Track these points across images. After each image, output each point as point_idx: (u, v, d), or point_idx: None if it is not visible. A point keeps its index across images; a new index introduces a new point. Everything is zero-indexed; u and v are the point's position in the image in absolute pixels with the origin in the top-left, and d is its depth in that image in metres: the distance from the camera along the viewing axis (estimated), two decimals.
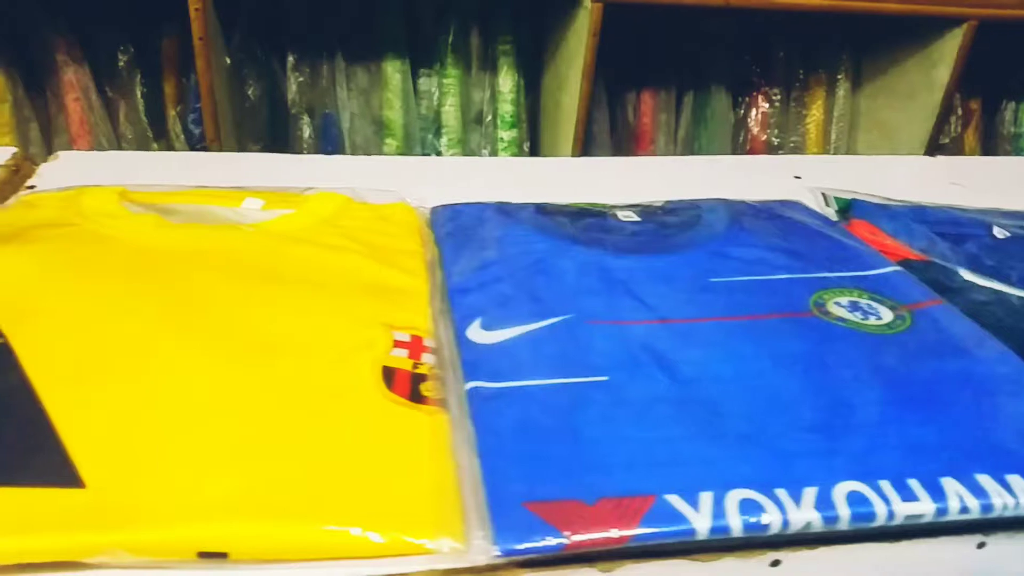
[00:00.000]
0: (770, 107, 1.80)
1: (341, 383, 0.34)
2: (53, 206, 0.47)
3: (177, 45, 1.51)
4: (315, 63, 1.53)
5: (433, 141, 1.66)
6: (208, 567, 0.27)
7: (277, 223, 0.48)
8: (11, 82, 1.44)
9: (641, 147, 1.75)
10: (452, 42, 1.56)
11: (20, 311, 0.36)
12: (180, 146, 1.55)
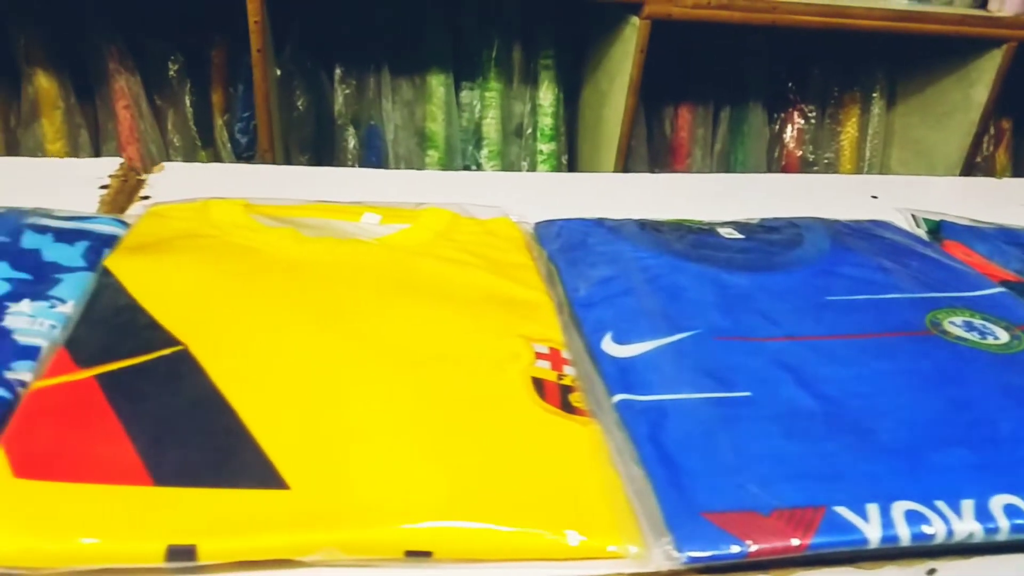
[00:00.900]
0: (805, 123, 1.81)
1: (498, 393, 0.36)
2: (183, 217, 0.49)
3: (225, 55, 1.54)
4: (362, 75, 1.55)
5: (474, 153, 1.68)
6: (412, 565, 0.29)
7: (397, 237, 0.50)
8: (63, 89, 1.47)
9: (677, 161, 1.77)
10: (495, 56, 1.59)
11: (191, 319, 0.37)
12: (226, 155, 1.57)
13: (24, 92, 1.44)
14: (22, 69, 1.42)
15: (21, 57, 1.41)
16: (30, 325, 0.37)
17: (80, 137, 1.50)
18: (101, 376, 0.33)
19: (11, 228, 0.45)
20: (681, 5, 1.30)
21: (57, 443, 0.30)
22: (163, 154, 1.53)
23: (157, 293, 0.39)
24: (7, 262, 0.42)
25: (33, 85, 1.43)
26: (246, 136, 1.59)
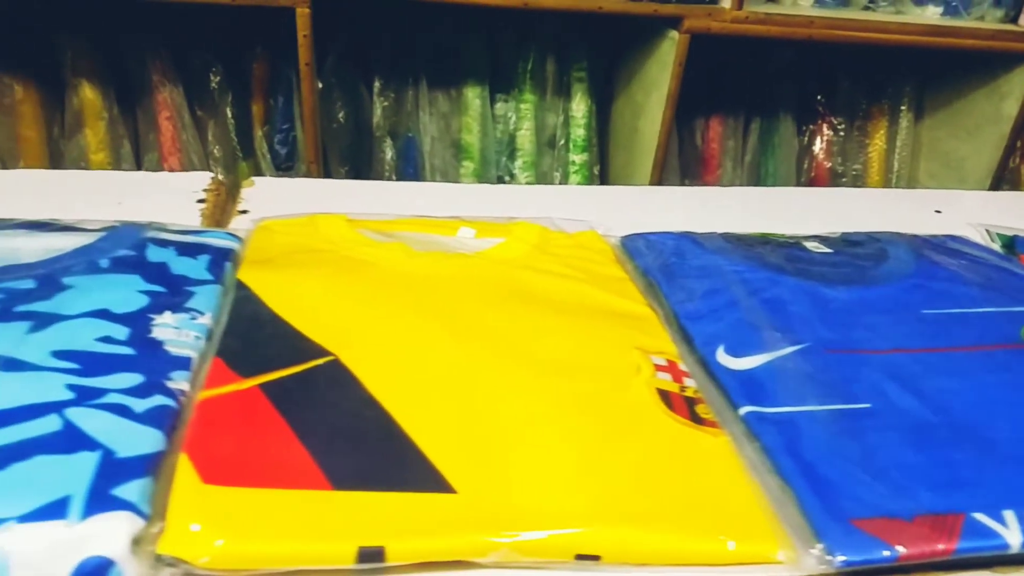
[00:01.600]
0: (834, 135, 1.83)
1: (628, 404, 0.37)
2: (294, 232, 0.50)
3: (265, 68, 1.56)
4: (400, 88, 1.57)
5: (507, 164, 1.70)
6: (579, 569, 0.30)
7: (497, 251, 0.51)
8: (107, 101, 1.49)
9: (708, 172, 1.78)
10: (530, 69, 1.61)
11: (334, 331, 0.39)
12: (266, 166, 1.59)
13: (68, 103, 1.46)
14: (67, 80, 1.45)
15: (67, 69, 1.44)
16: (177, 336, 0.39)
17: (123, 148, 1.52)
18: (265, 385, 0.35)
19: (134, 242, 0.47)
20: (720, 20, 1.32)
21: (236, 450, 0.31)
22: (204, 165, 1.55)
23: (293, 305, 0.41)
24: (139, 275, 0.43)
25: (78, 96, 1.45)
26: (285, 147, 1.61)
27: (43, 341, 0.36)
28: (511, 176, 1.73)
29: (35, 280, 0.42)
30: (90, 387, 0.33)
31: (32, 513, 0.27)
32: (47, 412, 0.32)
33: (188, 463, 0.30)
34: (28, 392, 0.33)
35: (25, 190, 0.61)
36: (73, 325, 0.38)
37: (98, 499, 0.28)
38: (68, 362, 0.35)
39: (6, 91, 1.45)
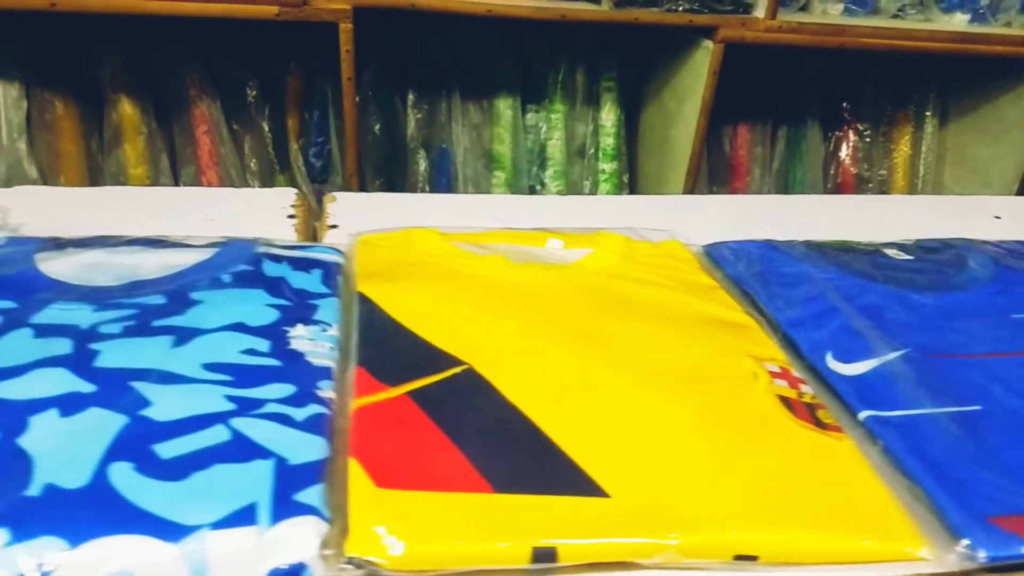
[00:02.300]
0: (860, 141, 1.84)
1: (754, 410, 0.39)
2: (394, 246, 0.52)
3: (300, 82, 1.59)
4: (433, 100, 1.59)
5: (538, 173, 1.72)
6: (736, 569, 0.31)
7: (588, 262, 0.53)
8: (145, 115, 1.51)
9: (737, 179, 1.80)
10: (561, 79, 1.62)
11: (461, 341, 0.40)
12: (301, 179, 1.61)
13: (107, 118, 1.48)
14: (106, 96, 1.47)
15: (106, 85, 1.46)
16: (314, 348, 0.40)
17: (161, 162, 1.54)
18: (412, 393, 0.36)
19: (248, 257, 0.49)
20: (754, 29, 1.34)
21: (399, 456, 0.33)
22: (241, 178, 1.58)
23: (416, 316, 0.42)
24: (263, 289, 0.45)
25: (117, 111, 1.48)
26: (320, 160, 1.63)
27: (190, 354, 0.38)
28: (542, 185, 1.75)
29: (164, 296, 0.43)
30: (248, 398, 0.35)
31: (224, 520, 0.29)
32: (214, 423, 0.33)
33: (359, 468, 0.32)
34: (190, 404, 0.34)
35: (119, 208, 0.62)
36: (214, 339, 0.39)
37: (283, 505, 0.29)
38: (220, 374, 0.37)
39: (47, 107, 1.47)
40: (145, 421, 0.33)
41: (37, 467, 0.30)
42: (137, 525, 0.28)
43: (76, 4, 1.16)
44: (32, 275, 0.44)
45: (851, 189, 1.94)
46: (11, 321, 0.39)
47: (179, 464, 0.31)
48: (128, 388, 0.35)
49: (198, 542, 0.28)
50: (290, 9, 1.22)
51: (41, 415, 0.33)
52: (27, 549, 0.27)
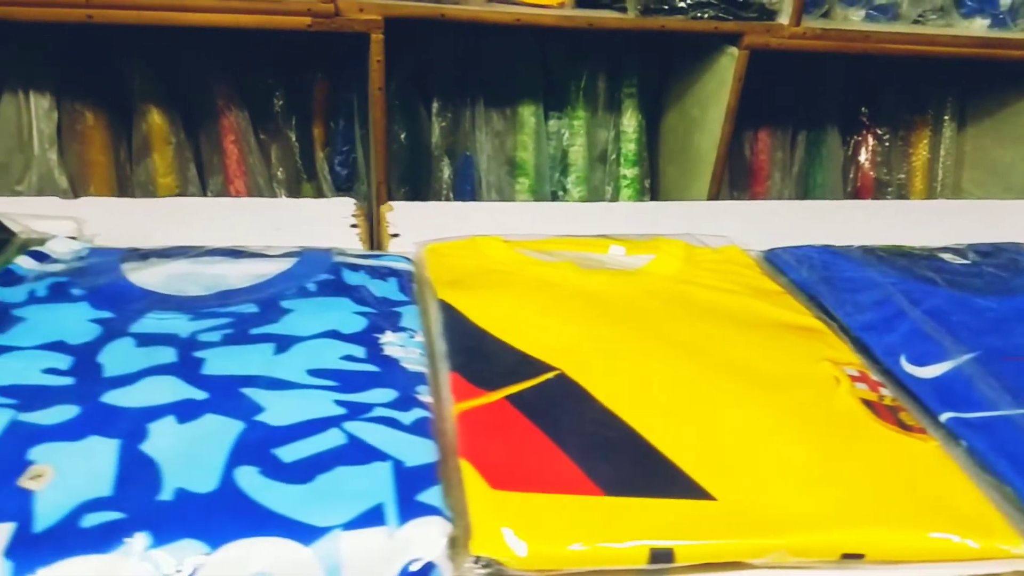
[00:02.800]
0: (878, 145, 1.85)
1: (840, 413, 0.39)
2: (462, 254, 0.53)
3: (325, 91, 1.60)
4: (457, 108, 1.61)
5: (560, 179, 1.73)
6: (844, 567, 0.32)
7: (654, 267, 0.54)
8: (174, 125, 1.53)
9: (757, 183, 1.80)
10: (583, 86, 1.64)
11: (548, 346, 0.41)
12: (327, 188, 1.62)
13: (136, 128, 1.50)
14: (135, 107, 1.48)
15: (135, 95, 1.47)
16: (406, 354, 0.41)
17: (189, 171, 1.56)
18: (511, 398, 0.37)
19: (327, 266, 0.50)
20: (778, 36, 1.35)
21: (507, 458, 0.34)
22: (269, 187, 1.59)
23: (499, 323, 0.43)
24: (348, 298, 0.46)
25: (146, 122, 1.49)
26: (345, 169, 1.65)
27: (293, 361, 0.39)
28: (564, 191, 1.76)
29: (256, 304, 0.44)
30: (356, 402, 0.36)
31: (353, 521, 0.30)
32: (328, 427, 0.34)
33: (473, 470, 0.33)
34: (302, 409, 0.35)
35: (183, 218, 0.63)
36: (312, 346, 0.40)
37: (408, 506, 0.30)
38: (325, 379, 0.38)
39: (78, 118, 1.48)
40: (261, 426, 0.34)
41: (164, 472, 0.31)
42: (271, 527, 0.29)
43: (112, 16, 1.17)
44: (124, 285, 0.45)
45: (870, 193, 1.95)
46: (111, 331, 0.40)
47: (301, 467, 0.32)
48: (239, 395, 0.36)
49: (331, 543, 0.29)
50: (322, 20, 1.23)
51: (159, 422, 0.34)
52: (169, 552, 0.28)
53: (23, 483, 0.31)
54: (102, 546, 0.28)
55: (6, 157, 1.47)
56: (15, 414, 0.34)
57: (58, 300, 0.42)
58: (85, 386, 0.36)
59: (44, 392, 0.35)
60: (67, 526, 0.29)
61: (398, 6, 1.27)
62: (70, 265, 0.47)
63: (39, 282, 0.44)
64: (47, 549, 0.28)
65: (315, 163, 1.65)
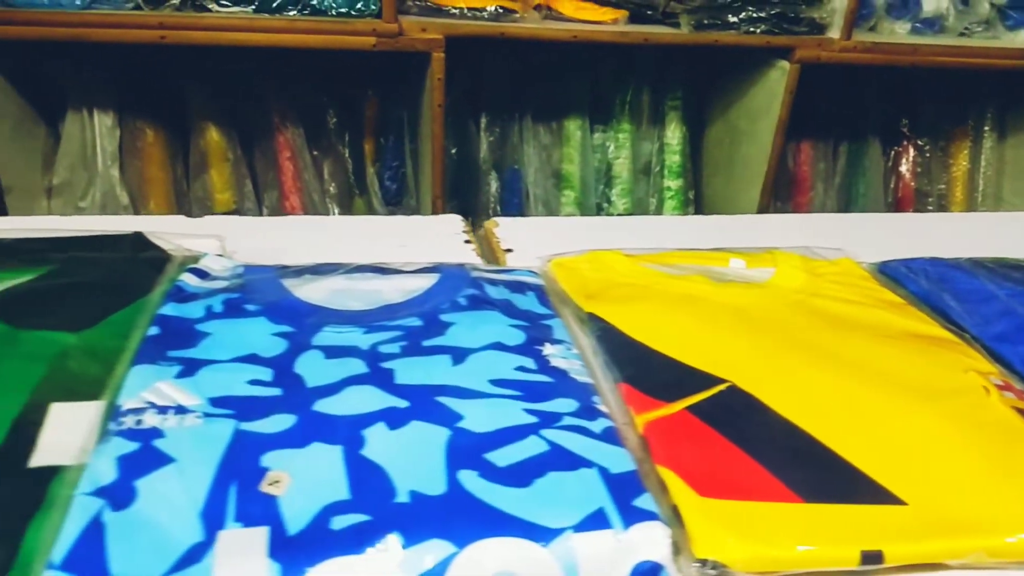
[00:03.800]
0: (919, 156, 1.86)
1: (997, 423, 0.41)
2: (589, 268, 0.54)
3: (376, 108, 1.63)
4: (506, 123, 1.63)
5: (605, 191, 1.75)
6: None
7: (779, 280, 0.55)
8: (231, 142, 1.56)
9: (801, 194, 1.82)
10: (629, 100, 1.66)
11: (709, 358, 0.43)
12: (377, 202, 1.65)
13: (194, 145, 1.53)
14: (193, 124, 1.52)
15: (194, 113, 1.50)
16: (570, 365, 0.43)
17: (245, 187, 1.59)
18: (691, 408, 0.39)
19: (470, 281, 0.51)
20: (829, 49, 1.37)
21: (703, 467, 0.35)
22: (322, 202, 1.62)
23: (654, 335, 0.45)
24: (498, 311, 0.48)
25: (204, 139, 1.52)
26: (395, 183, 1.67)
27: (472, 372, 0.41)
28: (608, 203, 1.78)
29: (419, 318, 0.46)
30: (545, 411, 0.38)
31: (582, 523, 0.31)
32: (526, 434, 0.36)
33: (677, 479, 0.34)
34: (497, 417, 0.37)
35: (308, 236, 0.65)
36: (484, 357, 0.42)
37: (627, 510, 0.32)
38: (508, 389, 0.39)
39: (138, 135, 1.52)
40: (465, 432, 0.36)
41: (392, 476, 0.33)
42: (509, 528, 0.31)
43: (184, 37, 1.20)
44: (294, 301, 0.47)
45: (911, 203, 1.96)
46: (297, 344, 0.42)
47: (517, 471, 0.34)
48: (436, 403, 0.38)
49: (566, 544, 0.31)
50: (387, 40, 1.26)
51: (371, 429, 0.36)
52: (420, 551, 0.30)
53: (264, 489, 0.32)
54: (356, 546, 0.30)
55: (69, 174, 1.51)
56: (237, 424, 0.36)
57: (236, 315, 0.44)
58: (293, 396, 0.38)
59: (256, 402, 0.37)
60: (318, 528, 0.31)
61: (460, 25, 1.30)
62: (232, 282, 0.49)
63: (212, 298, 0.46)
64: (308, 550, 0.29)
65: (366, 178, 1.68)
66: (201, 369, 0.39)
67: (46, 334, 0.42)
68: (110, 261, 0.50)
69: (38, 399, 0.37)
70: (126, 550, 0.29)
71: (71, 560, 0.28)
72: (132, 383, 0.37)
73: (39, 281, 0.47)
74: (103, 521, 0.30)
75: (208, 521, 0.30)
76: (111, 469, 0.32)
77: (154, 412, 0.35)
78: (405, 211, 1.71)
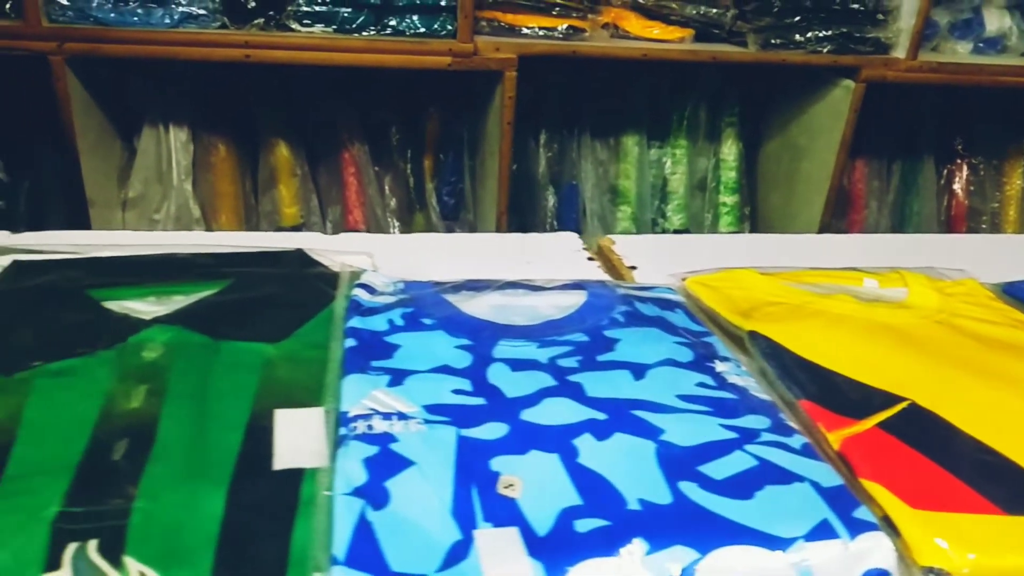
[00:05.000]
0: (972, 174, 1.86)
1: None
2: (729, 286, 0.56)
3: (437, 125, 1.66)
4: (563, 139, 1.66)
5: (661, 207, 1.77)
6: None
7: (916, 301, 0.56)
8: (299, 158, 1.59)
9: (855, 211, 1.83)
10: (687, 116, 1.68)
11: (882, 375, 0.44)
12: (435, 217, 1.68)
13: (263, 161, 1.56)
14: (263, 141, 1.55)
15: (265, 130, 1.54)
16: (745, 382, 0.44)
17: (311, 202, 1.62)
18: (882, 425, 0.40)
19: (618, 298, 0.53)
20: (895, 69, 1.38)
21: (907, 480, 0.36)
22: (384, 217, 1.64)
23: (820, 353, 0.47)
24: (657, 328, 0.49)
25: (274, 155, 1.56)
26: (452, 199, 1.70)
27: (657, 387, 0.42)
28: (664, 218, 1.80)
29: (585, 334, 0.48)
30: (742, 427, 0.39)
31: (811, 533, 0.33)
32: (732, 449, 0.38)
33: (887, 492, 0.36)
34: (697, 432, 0.39)
35: (439, 253, 0.68)
36: (661, 373, 0.44)
37: (849, 521, 0.33)
38: (697, 404, 0.41)
39: (211, 150, 1.55)
40: (670, 446, 0.38)
41: (616, 485, 0.35)
42: (744, 537, 0.32)
43: (268, 56, 1.24)
44: (464, 315, 0.49)
45: (964, 222, 1.96)
46: (481, 357, 0.44)
47: (735, 484, 0.35)
48: (633, 416, 0.39)
49: (799, 553, 0.32)
50: (461, 59, 1.29)
51: (580, 439, 0.38)
52: (666, 556, 0.31)
53: (501, 491, 0.34)
54: (606, 549, 0.31)
55: (144, 187, 1.55)
56: (457, 430, 0.37)
57: (416, 328, 0.46)
58: (497, 406, 0.40)
59: (466, 410, 0.39)
60: (565, 531, 0.32)
61: (533, 44, 1.33)
62: (398, 296, 0.51)
63: (389, 312, 0.48)
64: (564, 551, 0.31)
65: (424, 193, 1.71)
66: (407, 379, 0.41)
67: (247, 345, 0.44)
68: (282, 276, 0.52)
69: (261, 406, 0.39)
70: (398, 546, 0.31)
71: (352, 556, 0.30)
72: (350, 391, 0.39)
73: (223, 295, 0.49)
74: (369, 520, 0.32)
75: (461, 520, 0.32)
76: (361, 471, 0.34)
77: (380, 418, 0.37)
78: (463, 226, 1.74)
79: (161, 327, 0.44)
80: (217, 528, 0.32)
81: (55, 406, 0.38)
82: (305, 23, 1.25)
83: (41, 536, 0.31)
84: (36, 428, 0.37)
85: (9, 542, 0.30)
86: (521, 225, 1.67)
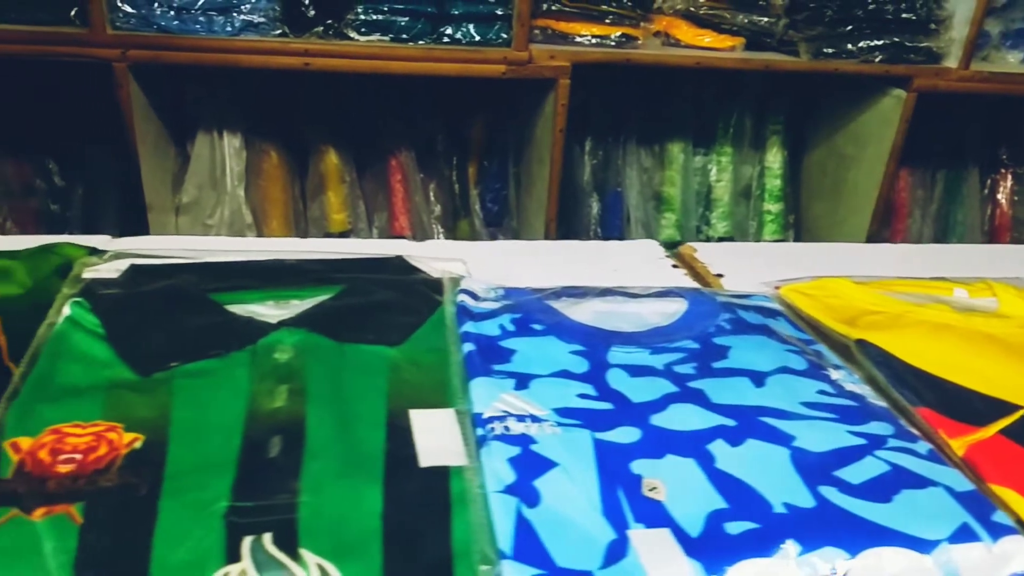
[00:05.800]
0: (1016, 184, 1.85)
1: None
2: (826, 295, 0.57)
3: (482, 133, 1.67)
4: (608, 146, 1.67)
5: (705, 214, 1.77)
6: None
7: (1009, 310, 0.57)
8: (347, 166, 1.62)
9: (899, 220, 1.82)
10: (733, 124, 1.68)
11: (994, 384, 0.45)
12: (479, 223, 1.69)
13: (313, 168, 1.58)
14: (312, 147, 1.57)
15: (315, 138, 1.56)
16: (861, 390, 0.45)
17: (359, 208, 1.64)
18: (1003, 431, 0.41)
19: (719, 305, 0.54)
20: (947, 79, 1.38)
21: None
22: (429, 224, 1.66)
23: (929, 361, 0.47)
24: (762, 336, 0.50)
25: (323, 162, 1.58)
26: (496, 205, 1.71)
27: (779, 394, 0.43)
28: (708, 226, 1.80)
29: (695, 341, 0.49)
30: (868, 433, 0.40)
31: (954, 535, 0.33)
32: (863, 455, 0.38)
33: (1019, 497, 0.36)
34: (826, 438, 0.39)
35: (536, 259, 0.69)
36: (780, 380, 0.44)
37: (989, 525, 0.34)
38: (821, 412, 0.42)
39: (263, 156, 1.58)
40: (803, 452, 0.38)
41: (759, 489, 0.36)
42: (890, 539, 0.33)
43: (327, 64, 1.26)
44: (571, 321, 0.50)
45: (1007, 232, 1.94)
46: (597, 362, 0.45)
47: (872, 488, 0.36)
48: (761, 423, 0.40)
49: (945, 554, 0.33)
50: (516, 67, 1.30)
51: (713, 444, 0.38)
52: (818, 557, 0.32)
53: (646, 493, 0.35)
54: (762, 550, 0.32)
55: (198, 192, 1.57)
56: (592, 433, 0.38)
57: (528, 334, 0.48)
58: (625, 410, 0.41)
59: (596, 414, 0.40)
60: (716, 533, 0.33)
61: (587, 52, 1.34)
62: (501, 302, 0.52)
63: (499, 318, 0.49)
64: (721, 551, 0.32)
65: (469, 200, 1.72)
66: (531, 382, 0.42)
67: (370, 348, 0.45)
68: (389, 282, 0.53)
69: (396, 406, 0.41)
70: (560, 543, 0.32)
71: (519, 551, 0.31)
72: (479, 394, 0.41)
73: (338, 299, 0.51)
74: (526, 517, 0.33)
75: (612, 521, 0.33)
76: (508, 470, 0.35)
77: (515, 420, 0.39)
78: (506, 233, 1.75)
79: (288, 330, 0.46)
80: (379, 522, 0.33)
81: (201, 406, 0.40)
82: (363, 32, 1.27)
83: (218, 529, 0.32)
84: (187, 427, 0.38)
85: (188, 535, 0.32)
86: (565, 232, 1.68)
